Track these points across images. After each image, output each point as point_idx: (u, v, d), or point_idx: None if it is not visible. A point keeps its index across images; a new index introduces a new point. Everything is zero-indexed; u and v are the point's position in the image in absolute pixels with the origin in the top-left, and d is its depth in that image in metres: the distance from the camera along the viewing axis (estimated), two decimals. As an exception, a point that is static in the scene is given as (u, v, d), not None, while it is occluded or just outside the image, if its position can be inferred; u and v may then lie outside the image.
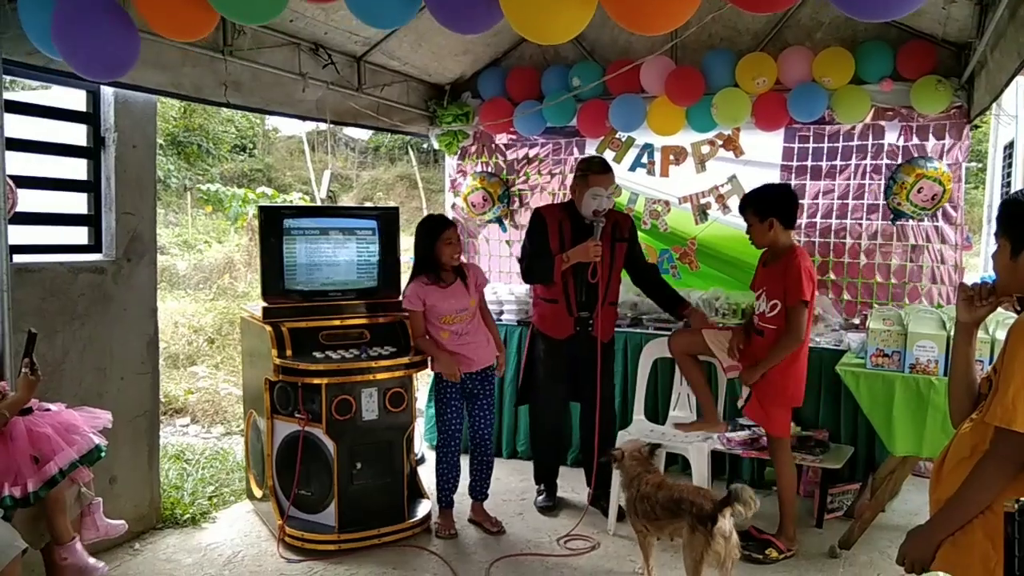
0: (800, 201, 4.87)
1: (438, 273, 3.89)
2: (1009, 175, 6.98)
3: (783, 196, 3.72)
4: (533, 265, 4.09)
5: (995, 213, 1.91)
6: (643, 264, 4.29)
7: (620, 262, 4.13)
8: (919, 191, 4.39)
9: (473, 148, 5.68)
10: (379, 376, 3.78)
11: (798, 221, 4.86)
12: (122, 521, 3.15)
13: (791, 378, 3.67)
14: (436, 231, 3.87)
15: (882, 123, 4.63)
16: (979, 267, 6.90)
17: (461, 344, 3.92)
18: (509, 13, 2.33)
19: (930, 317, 3.60)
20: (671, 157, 5.20)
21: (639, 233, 4.36)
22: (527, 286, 4.80)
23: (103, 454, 2.90)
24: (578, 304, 4.06)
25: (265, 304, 3.89)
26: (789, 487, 3.75)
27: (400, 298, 4.20)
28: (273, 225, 3.91)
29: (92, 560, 2.92)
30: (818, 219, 4.86)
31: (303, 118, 4.72)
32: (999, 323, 3.36)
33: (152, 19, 2.70)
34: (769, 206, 3.65)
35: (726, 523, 2.93)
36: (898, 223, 4.62)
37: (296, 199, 12.64)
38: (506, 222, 5.63)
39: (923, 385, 3.48)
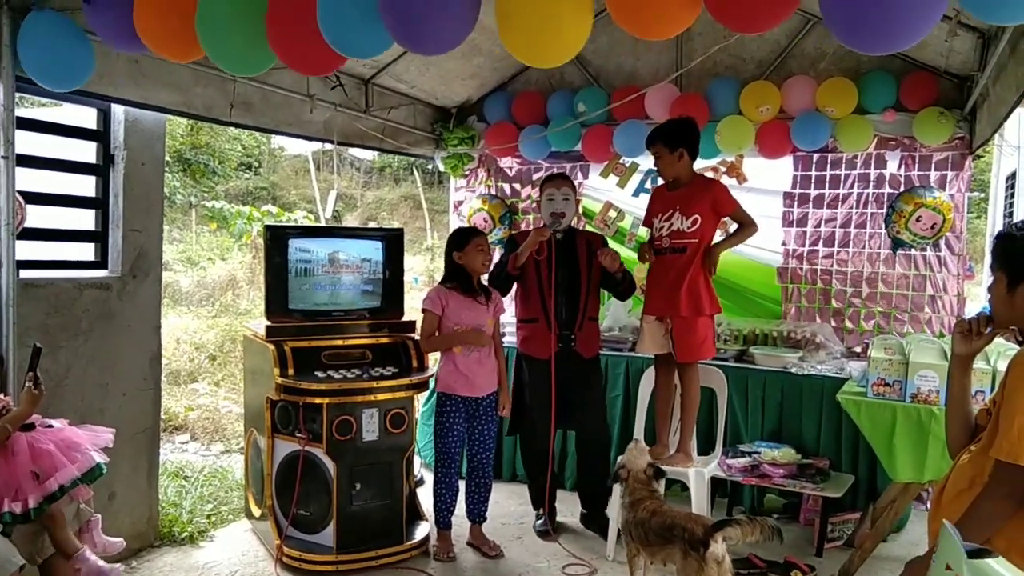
0: (802, 229, 4.92)
1: (465, 286, 3.91)
2: (1011, 205, 7.01)
3: (691, 128, 3.87)
4: (493, 272, 4.19)
5: (995, 244, 1.93)
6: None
7: (597, 276, 4.17)
8: (918, 220, 4.41)
9: (478, 171, 5.72)
10: (380, 397, 3.78)
11: (800, 249, 4.91)
12: (120, 539, 3.14)
13: (709, 285, 3.85)
14: (466, 239, 3.93)
15: (884, 153, 4.66)
16: (981, 296, 6.92)
17: (472, 362, 3.92)
18: (505, 38, 2.36)
19: (931, 347, 3.61)
20: (674, 183, 5.23)
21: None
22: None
23: (103, 472, 2.90)
24: (558, 321, 4.08)
25: (268, 323, 3.90)
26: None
27: (403, 319, 4.23)
28: (278, 244, 3.94)
29: (106, 564, 2.92)
30: (820, 247, 4.88)
31: (311, 139, 4.77)
32: (1000, 354, 3.36)
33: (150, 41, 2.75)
34: (678, 138, 3.81)
35: (718, 548, 2.93)
36: (899, 252, 4.64)
37: (300, 218, 12.69)
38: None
39: (924, 415, 3.48)
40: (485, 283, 4.08)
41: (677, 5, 2.15)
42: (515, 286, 4.24)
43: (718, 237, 4.01)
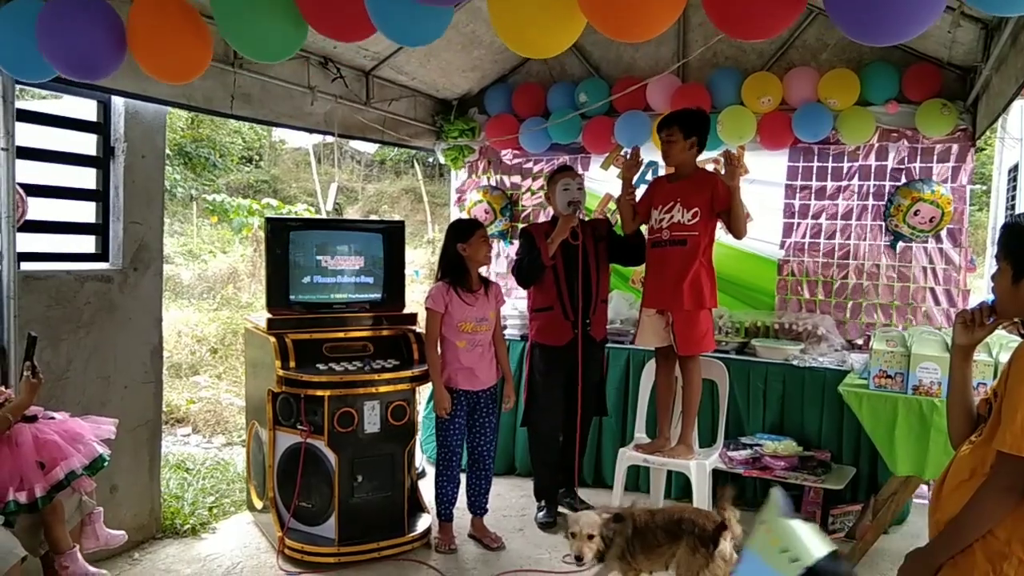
0: (804, 220, 4.91)
1: (465, 279, 3.91)
2: (1014, 197, 6.99)
3: (705, 120, 3.93)
4: (523, 265, 4.20)
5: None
6: (622, 239, 4.28)
7: (604, 258, 4.22)
8: (916, 214, 4.41)
9: (479, 163, 5.71)
10: (382, 389, 3.78)
11: (801, 240, 4.90)
12: (122, 532, 3.15)
13: (711, 278, 3.88)
14: (471, 230, 3.92)
15: (887, 144, 4.65)
16: (983, 289, 6.90)
17: (475, 357, 3.93)
18: (500, 29, 2.35)
19: (933, 339, 3.60)
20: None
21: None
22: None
23: (106, 462, 2.91)
24: (572, 306, 4.10)
25: (269, 315, 3.90)
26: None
27: (405, 311, 4.23)
28: (279, 236, 3.93)
29: (93, 568, 2.92)
30: (822, 239, 4.87)
31: (311, 131, 4.77)
32: (1003, 346, 3.36)
33: (147, 63, 2.72)
34: (695, 126, 3.85)
35: (727, 546, 2.90)
36: (899, 244, 4.63)
37: (301, 210, 12.67)
38: (509, 236, 5.65)
39: (926, 407, 3.48)
40: (484, 275, 4.08)
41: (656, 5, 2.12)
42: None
43: (719, 234, 4.01)
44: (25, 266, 3.31)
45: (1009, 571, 1.71)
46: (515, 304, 5.17)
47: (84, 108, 3.72)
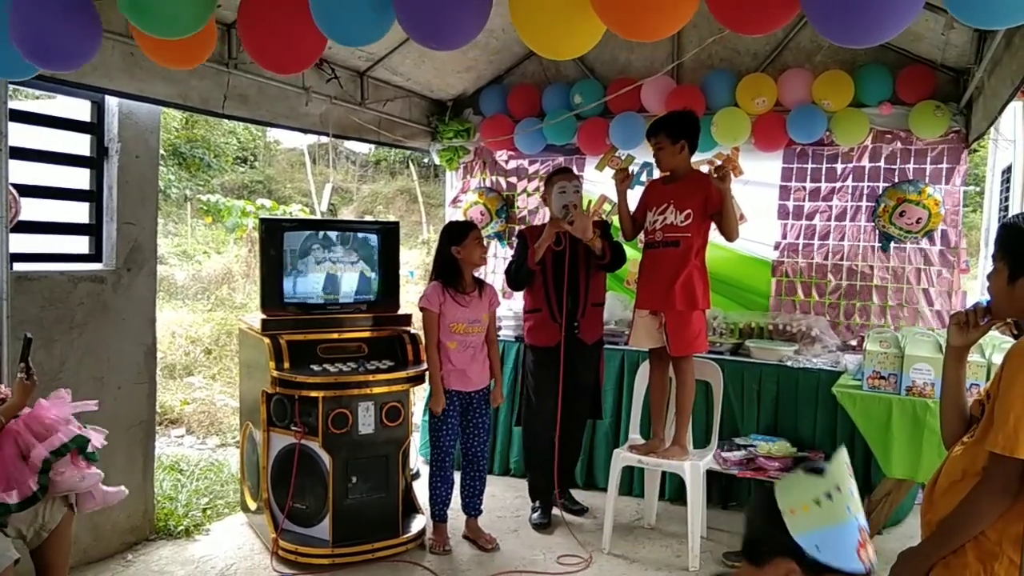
0: (798, 221, 4.92)
1: (459, 281, 3.91)
2: (1007, 199, 7.03)
3: (693, 121, 3.90)
4: (511, 269, 4.26)
5: (993, 236, 1.91)
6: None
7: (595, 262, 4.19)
8: (901, 215, 4.43)
9: (474, 164, 5.71)
10: (376, 390, 3.78)
11: (795, 241, 4.91)
12: (122, 488, 3.08)
13: (704, 279, 3.87)
14: (464, 232, 3.93)
15: (880, 146, 4.66)
16: (976, 290, 6.92)
17: (467, 358, 3.93)
18: (520, 28, 2.34)
19: (927, 340, 3.62)
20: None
21: (631, 249, 4.38)
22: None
23: (87, 443, 2.82)
24: (559, 308, 4.12)
25: (264, 316, 3.90)
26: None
27: (399, 312, 4.22)
28: (274, 237, 3.93)
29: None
30: (816, 240, 4.88)
31: (306, 131, 4.76)
32: (995, 347, 3.37)
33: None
34: (681, 129, 3.83)
35: None
36: (892, 245, 4.64)
37: (296, 211, 12.65)
38: (505, 237, 5.65)
39: (919, 408, 3.49)
40: (478, 276, 4.09)
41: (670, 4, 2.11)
42: None
43: (713, 235, 4.00)
44: (18, 267, 3.29)
45: (1000, 571, 1.72)
46: (510, 306, 5.18)
47: (78, 108, 3.71)
